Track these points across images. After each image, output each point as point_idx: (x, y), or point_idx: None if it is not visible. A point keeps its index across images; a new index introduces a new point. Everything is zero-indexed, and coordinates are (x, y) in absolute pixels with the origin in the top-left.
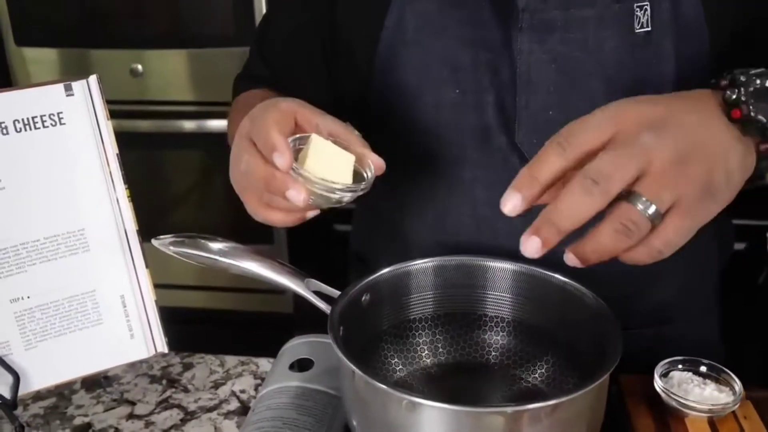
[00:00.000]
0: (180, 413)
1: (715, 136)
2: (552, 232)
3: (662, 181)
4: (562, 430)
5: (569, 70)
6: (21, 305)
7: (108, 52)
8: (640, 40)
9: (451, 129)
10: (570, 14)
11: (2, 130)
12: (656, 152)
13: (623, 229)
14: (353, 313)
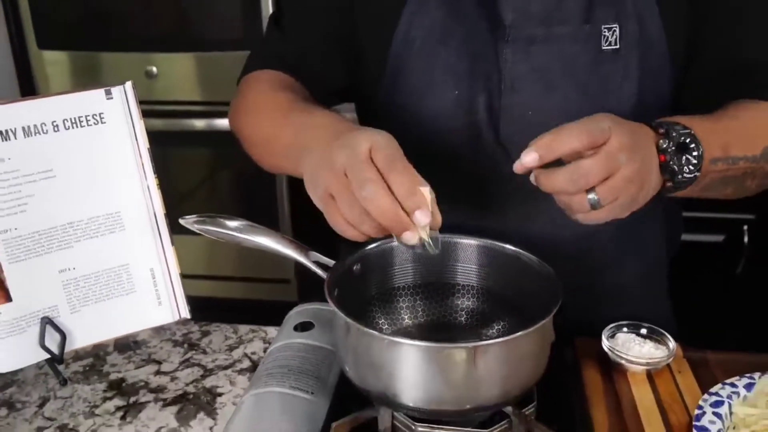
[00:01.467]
0: (200, 370)
1: (651, 169)
2: (540, 179)
3: (613, 189)
4: (511, 365)
5: (546, 78)
6: (68, 275)
7: (124, 55)
8: (608, 56)
9: (448, 124)
10: (548, 31)
11: (54, 127)
12: (621, 170)
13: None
14: (347, 280)
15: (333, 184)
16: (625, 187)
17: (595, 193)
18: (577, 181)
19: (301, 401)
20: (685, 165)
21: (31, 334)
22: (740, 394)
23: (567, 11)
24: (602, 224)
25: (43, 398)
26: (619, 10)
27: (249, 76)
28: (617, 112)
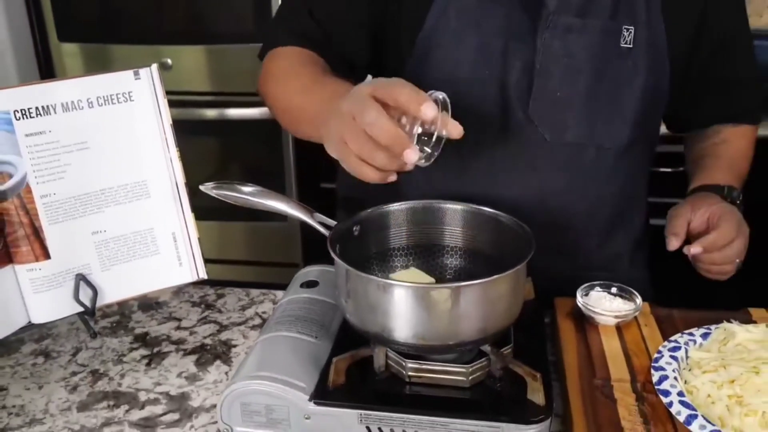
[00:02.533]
0: (216, 326)
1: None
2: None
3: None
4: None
5: (575, 64)
6: (99, 237)
7: (139, 47)
8: (624, 52)
9: (478, 101)
10: (584, 21)
11: (89, 104)
12: (738, 252)
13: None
14: (347, 240)
15: (343, 129)
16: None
17: (738, 261)
18: (733, 258)
19: (307, 343)
20: (740, 208)
21: (66, 289)
22: (697, 341)
23: (599, 6)
24: (606, 205)
25: (75, 348)
26: (635, 15)
27: (276, 51)
28: (629, 99)
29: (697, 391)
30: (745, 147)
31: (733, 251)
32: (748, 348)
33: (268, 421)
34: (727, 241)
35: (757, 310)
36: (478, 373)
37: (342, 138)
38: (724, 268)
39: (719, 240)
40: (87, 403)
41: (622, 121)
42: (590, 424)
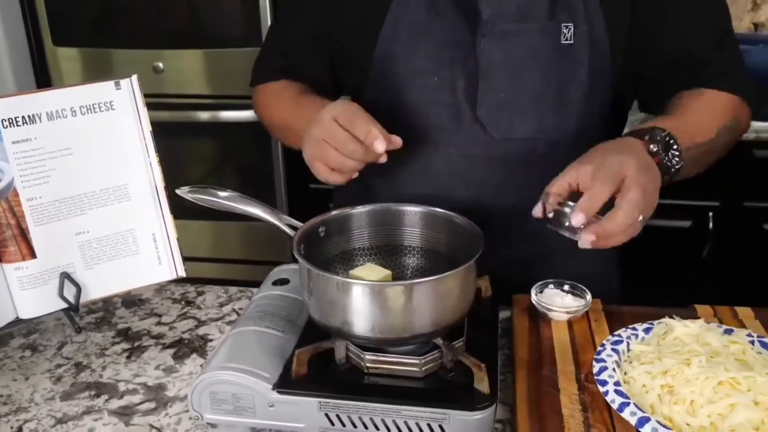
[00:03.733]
0: (195, 322)
1: (655, 173)
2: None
3: (651, 206)
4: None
5: (516, 65)
6: (83, 237)
7: (133, 51)
8: (565, 49)
9: (431, 106)
10: (519, 26)
11: (72, 113)
12: (647, 188)
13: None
14: (313, 241)
15: (316, 151)
16: (652, 199)
17: (642, 217)
18: (631, 224)
19: (274, 337)
20: (672, 159)
21: (51, 287)
22: (639, 335)
23: (534, 10)
24: None
25: (61, 342)
26: (573, 12)
27: (263, 86)
28: (574, 93)
29: (633, 381)
30: (705, 107)
31: (630, 213)
32: (684, 342)
33: (235, 409)
34: (606, 198)
35: (702, 307)
36: (430, 365)
37: (314, 156)
38: (628, 231)
39: (597, 201)
40: (70, 393)
41: (568, 113)
42: (532, 411)
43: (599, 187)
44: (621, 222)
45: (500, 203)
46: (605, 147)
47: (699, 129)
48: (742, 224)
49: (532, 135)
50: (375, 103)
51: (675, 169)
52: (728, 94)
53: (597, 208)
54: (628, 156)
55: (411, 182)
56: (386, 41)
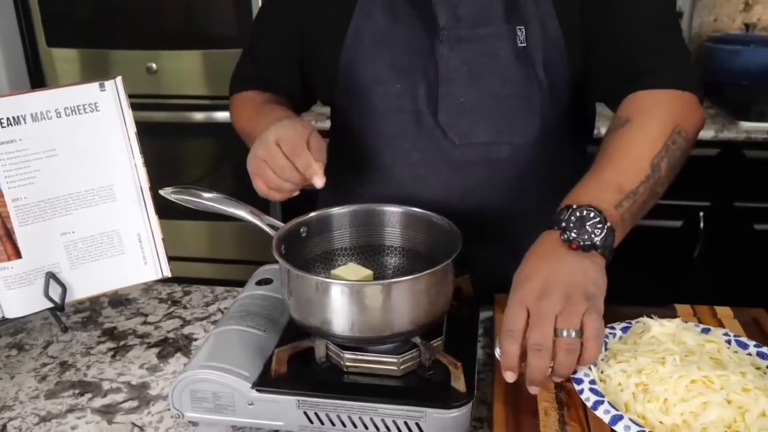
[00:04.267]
0: (180, 321)
1: (576, 269)
2: (537, 383)
3: (569, 319)
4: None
5: (474, 70)
6: (68, 237)
7: (128, 52)
8: (522, 51)
9: (393, 112)
10: (474, 32)
11: (56, 114)
12: (556, 308)
13: (568, 351)
14: (295, 241)
15: (256, 169)
16: (571, 311)
17: (566, 330)
18: (541, 353)
19: (255, 336)
20: (593, 233)
21: (37, 286)
22: (617, 334)
23: (489, 15)
24: (529, 197)
25: (47, 342)
26: (525, 14)
27: (236, 96)
28: (533, 95)
29: (609, 379)
30: (633, 140)
31: (530, 362)
32: (660, 341)
33: (215, 407)
34: (519, 341)
35: (682, 307)
36: (409, 363)
37: (256, 174)
38: (560, 361)
39: (511, 353)
40: (54, 392)
41: (530, 116)
42: (509, 408)
43: (506, 345)
44: (533, 369)
45: (464, 205)
46: (519, 269)
47: (625, 174)
48: (733, 224)
49: (492, 139)
50: (342, 111)
51: (604, 240)
52: (671, 93)
53: (515, 365)
54: (529, 282)
55: (380, 185)
56: (349, 50)
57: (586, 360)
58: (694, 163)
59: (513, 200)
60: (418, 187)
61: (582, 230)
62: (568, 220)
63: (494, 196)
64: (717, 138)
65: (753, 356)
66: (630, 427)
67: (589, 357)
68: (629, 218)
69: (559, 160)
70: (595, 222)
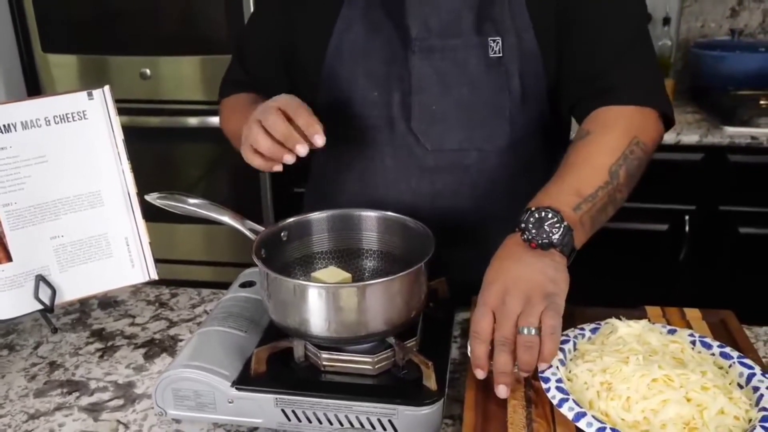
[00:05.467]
0: (167, 323)
1: (534, 268)
2: (505, 379)
3: (527, 318)
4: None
5: (445, 79)
6: (57, 241)
7: (123, 58)
8: (494, 61)
9: (371, 119)
10: (445, 42)
11: (46, 122)
12: (516, 309)
13: (527, 347)
14: (275, 245)
15: (248, 132)
16: (531, 310)
17: (524, 329)
18: (504, 349)
19: (236, 337)
20: (551, 232)
21: (27, 289)
22: (585, 335)
23: (459, 26)
24: (498, 202)
25: (37, 342)
26: (500, 27)
27: (226, 99)
28: (503, 104)
29: (576, 378)
30: (591, 150)
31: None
32: (626, 341)
33: (196, 405)
34: (488, 341)
35: (652, 308)
36: (383, 363)
37: (246, 138)
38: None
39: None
40: (43, 391)
41: (500, 124)
42: (479, 405)
43: (474, 345)
44: (498, 364)
45: (435, 209)
46: (486, 274)
47: (585, 179)
48: (718, 227)
49: (462, 146)
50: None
51: (562, 239)
52: (632, 109)
53: (483, 363)
54: (493, 285)
55: (355, 190)
56: (331, 58)
57: (544, 355)
58: (680, 167)
59: (482, 204)
60: (391, 190)
61: (540, 230)
62: (527, 221)
63: (463, 201)
64: (702, 143)
65: (716, 356)
66: (592, 424)
67: (547, 352)
68: (588, 221)
69: (531, 167)
70: (552, 222)
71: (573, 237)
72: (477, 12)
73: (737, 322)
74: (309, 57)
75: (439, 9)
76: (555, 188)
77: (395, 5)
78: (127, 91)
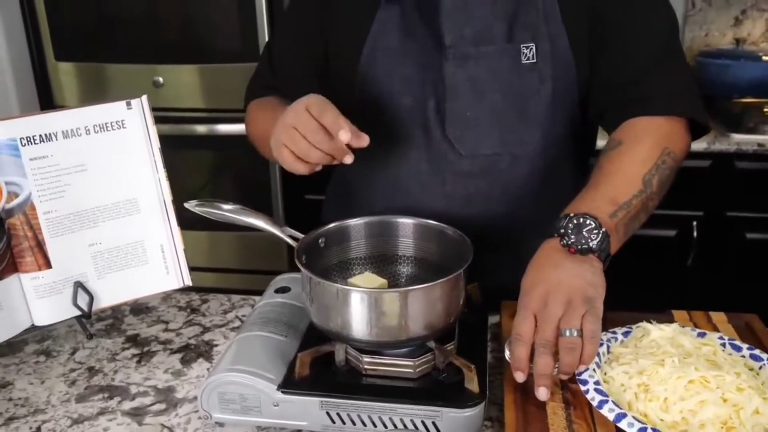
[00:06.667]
0: (200, 328)
1: (574, 273)
2: (545, 381)
3: (569, 320)
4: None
5: (479, 85)
6: (95, 248)
7: (133, 66)
8: (527, 68)
9: (404, 123)
10: (478, 49)
11: (86, 131)
12: (558, 312)
13: (570, 349)
14: (313, 251)
15: (285, 135)
16: (573, 314)
17: (569, 330)
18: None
19: (277, 341)
20: (590, 237)
21: (65, 295)
22: (618, 339)
23: (492, 33)
24: (528, 206)
25: (73, 348)
26: (534, 33)
27: (253, 102)
28: (535, 109)
29: (612, 380)
30: (624, 160)
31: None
32: (659, 344)
33: (242, 408)
34: (529, 344)
35: (679, 312)
36: (424, 366)
37: (282, 143)
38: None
39: (521, 353)
40: (84, 396)
41: (532, 129)
42: (519, 407)
43: (516, 348)
44: (539, 366)
45: (467, 213)
46: (524, 278)
47: (620, 187)
48: (725, 233)
49: (495, 151)
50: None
51: (600, 245)
52: (662, 119)
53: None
54: (534, 290)
55: (385, 195)
56: (366, 62)
57: (585, 357)
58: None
59: (513, 209)
60: (423, 195)
61: (579, 236)
62: (566, 227)
63: (495, 205)
64: (709, 150)
65: (746, 358)
66: (633, 424)
67: (587, 355)
68: (623, 228)
69: (561, 172)
70: (591, 228)
71: (610, 243)
72: (510, 19)
73: (762, 325)
74: (343, 59)
75: (472, 17)
76: (591, 195)
77: (430, 12)
78: None
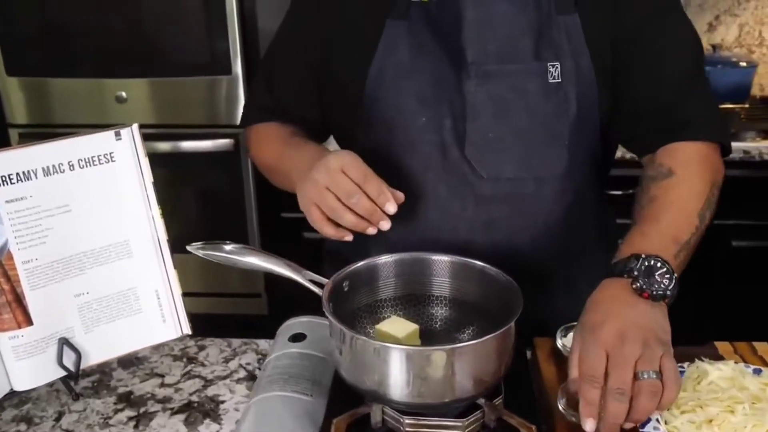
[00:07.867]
0: (201, 381)
1: (649, 317)
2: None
3: (649, 362)
4: (481, 363)
5: (502, 104)
6: (82, 299)
7: (92, 81)
8: (553, 87)
9: (419, 145)
10: (503, 67)
11: (69, 167)
12: (636, 353)
13: (652, 393)
14: (338, 295)
15: (316, 196)
16: (651, 355)
17: (647, 373)
18: (623, 397)
19: (302, 402)
20: (661, 281)
21: (49, 354)
22: None
23: (518, 51)
24: (553, 232)
25: (58, 413)
26: (559, 51)
27: (252, 128)
28: (561, 130)
29: (677, 430)
30: (680, 194)
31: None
32: (721, 386)
33: None
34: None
35: (722, 344)
36: (473, 426)
37: (314, 203)
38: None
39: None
40: None
41: (557, 151)
42: None
43: (588, 391)
44: (614, 413)
45: (490, 239)
46: (588, 314)
47: (680, 225)
48: (711, 241)
49: (520, 174)
50: (362, 144)
51: (669, 290)
52: (706, 146)
53: (597, 412)
54: (607, 326)
55: (404, 220)
56: (374, 81)
57: (665, 401)
58: None
59: (538, 235)
60: (443, 221)
61: (651, 279)
62: (638, 269)
63: (519, 231)
64: None
65: None
66: None
67: (668, 400)
68: (681, 267)
69: (584, 198)
70: (662, 272)
71: (678, 287)
72: (536, 36)
73: None
74: (349, 77)
75: (497, 33)
76: (653, 231)
77: (450, 27)
78: (99, 115)
